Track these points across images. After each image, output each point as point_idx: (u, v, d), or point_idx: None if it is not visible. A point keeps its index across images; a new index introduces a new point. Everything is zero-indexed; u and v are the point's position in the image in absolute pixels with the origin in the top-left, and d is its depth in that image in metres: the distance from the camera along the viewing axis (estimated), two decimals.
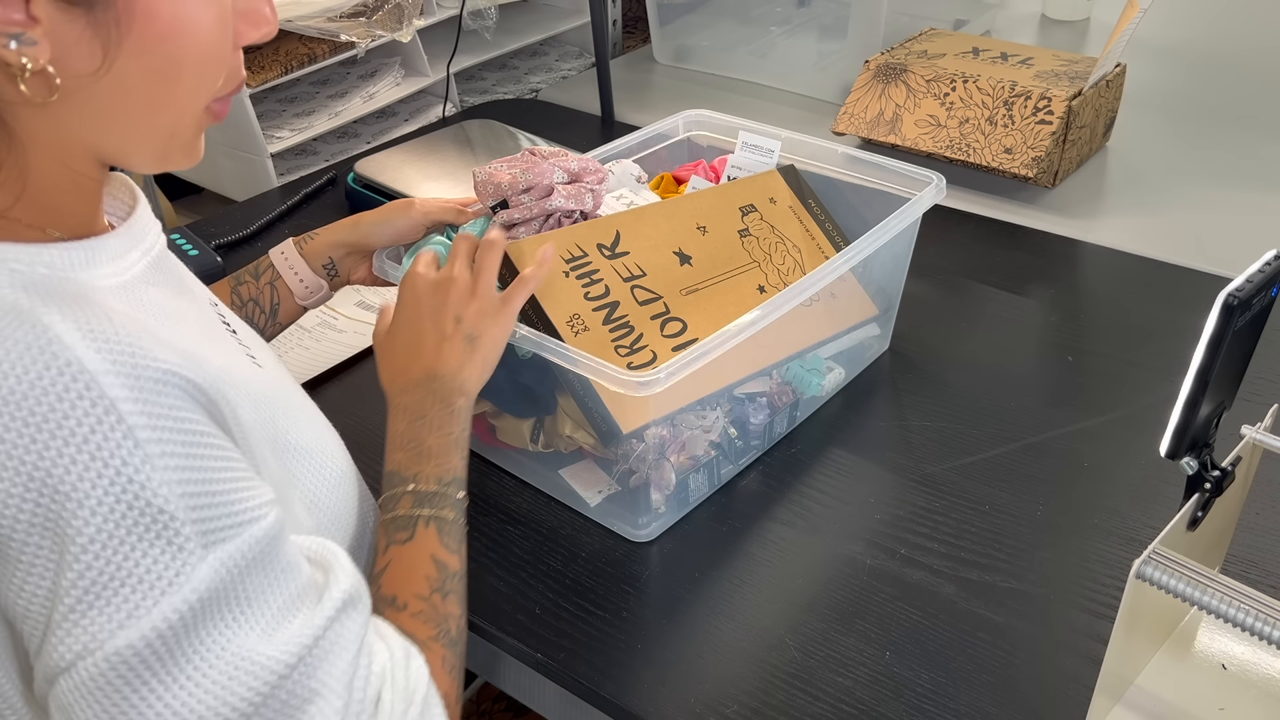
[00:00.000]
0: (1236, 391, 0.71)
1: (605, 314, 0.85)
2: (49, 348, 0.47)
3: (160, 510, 0.47)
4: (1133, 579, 0.64)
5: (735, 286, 0.93)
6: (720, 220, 0.96)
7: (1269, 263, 0.66)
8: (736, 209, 0.98)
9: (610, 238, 0.89)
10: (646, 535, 0.86)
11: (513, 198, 0.89)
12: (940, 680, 0.74)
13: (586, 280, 0.86)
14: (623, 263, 0.89)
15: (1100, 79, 1.37)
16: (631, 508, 0.86)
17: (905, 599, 0.81)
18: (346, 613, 0.56)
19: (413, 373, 0.74)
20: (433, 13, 1.64)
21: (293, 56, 1.52)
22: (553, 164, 0.90)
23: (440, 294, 0.76)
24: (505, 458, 0.94)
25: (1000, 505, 0.89)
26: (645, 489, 0.84)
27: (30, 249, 0.52)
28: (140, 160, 0.57)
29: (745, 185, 1.01)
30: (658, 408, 0.81)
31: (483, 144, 1.48)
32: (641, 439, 0.82)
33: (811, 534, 0.87)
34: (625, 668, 0.76)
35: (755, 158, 1.05)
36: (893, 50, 1.50)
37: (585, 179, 0.91)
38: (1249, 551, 0.83)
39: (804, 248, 0.99)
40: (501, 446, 0.93)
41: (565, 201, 0.89)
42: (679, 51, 1.85)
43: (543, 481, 0.92)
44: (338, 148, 1.65)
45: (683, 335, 0.87)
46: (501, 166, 0.89)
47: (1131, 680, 0.74)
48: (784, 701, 0.73)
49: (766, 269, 0.95)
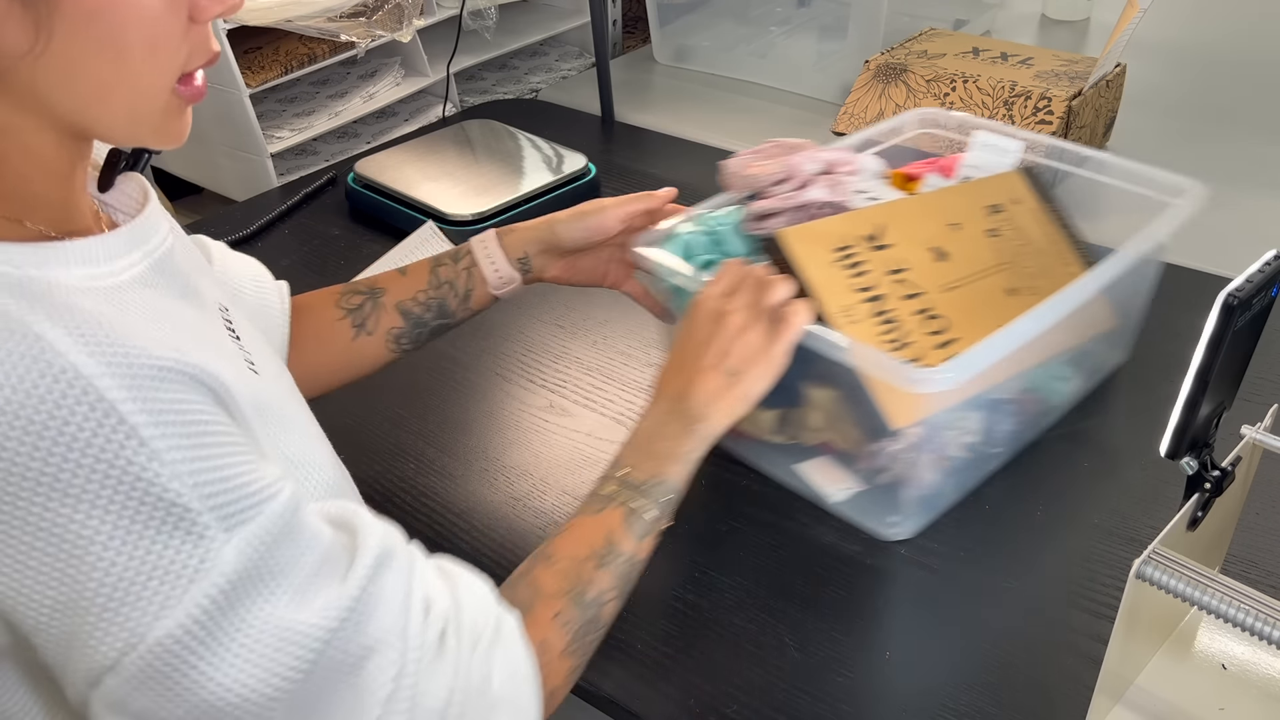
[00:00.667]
0: (1236, 391, 0.71)
1: (872, 307, 0.84)
2: (42, 356, 0.47)
3: (173, 503, 0.48)
4: (1133, 579, 0.64)
5: (989, 287, 0.91)
6: (971, 219, 0.94)
7: (1269, 263, 0.66)
8: (985, 208, 0.96)
9: (873, 230, 0.88)
10: (896, 535, 0.86)
11: (768, 189, 0.89)
12: (940, 680, 0.74)
13: (854, 272, 0.85)
14: (886, 255, 0.87)
15: (1100, 79, 1.37)
16: (884, 506, 0.85)
17: (904, 599, 0.81)
18: (381, 569, 0.56)
19: (672, 385, 0.76)
20: (433, 13, 1.64)
21: (293, 56, 1.52)
22: (807, 155, 0.90)
23: (711, 325, 0.77)
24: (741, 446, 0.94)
25: (1000, 505, 0.89)
26: (898, 487, 0.83)
27: (14, 248, 0.51)
28: (118, 136, 0.57)
29: (989, 184, 0.99)
30: (931, 406, 0.80)
31: (483, 144, 1.48)
32: (902, 437, 0.81)
33: (810, 534, 0.87)
34: (625, 668, 0.76)
35: (993, 158, 1.02)
36: (893, 50, 1.50)
37: (837, 171, 0.91)
38: (1249, 551, 0.83)
39: (1049, 251, 0.97)
40: (738, 436, 0.92)
41: (823, 193, 0.88)
42: (679, 51, 1.85)
43: (785, 474, 0.92)
44: (338, 148, 1.65)
45: (946, 334, 0.86)
46: (753, 159, 0.90)
47: (1131, 680, 0.74)
48: (784, 701, 0.73)
49: (1016, 271, 0.93)
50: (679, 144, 1.58)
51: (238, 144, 1.53)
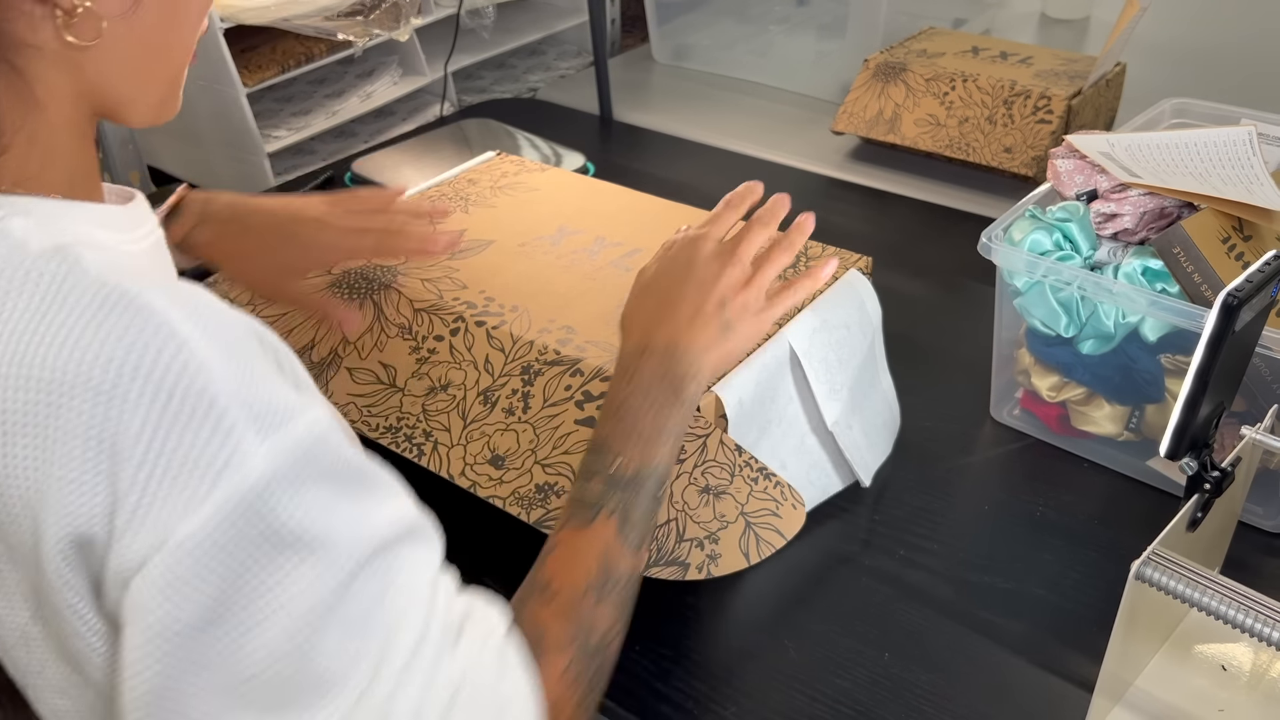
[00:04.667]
0: (1236, 391, 0.71)
1: None
2: (87, 273, 0.48)
3: (202, 392, 0.46)
4: (1132, 580, 0.64)
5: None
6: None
7: (1269, 262, 0.66)
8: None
9: (1239, 221, 0.86)
10: (1274, 526, 0.84)
11: (1107, 193, 0.89)
12: (939, 681, 0.74)
13: (1242, 264, 0.83)
14: (1251, 246, 0.85)
15: (1100, 78, 1.37)
16: (1254, 497, 0.83)
17: (904, 599, 0.80)
18: (415, 537, 0.53)
19: (657, 336, 0.69)
20: (430, 11, 1.64)
21: (290, 55, 1.52)
22: None
23: (716, 267, 0.71)
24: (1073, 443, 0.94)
25: (1000, 505, 0.89)
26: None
27: (47, 201, 0.52)
28: (142, 109, 0.57)
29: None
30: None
31: (480, 143, 1.47)
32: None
33: (810, 534, 0.87)
34: (624, 668, 0.76)
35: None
36: (892, 49, 1.49)
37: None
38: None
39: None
40: (1070, 434, 0.92)
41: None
42: (678, 50, 1.85)
43: (1126, 467, 0.91)
44: (335, 147, 1.64)
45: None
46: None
47: (1131, 681, 0.73)
48: (783, 702, 0.73)
49: None
50: (677, 143, 1.58)
51: (234, 143, 1.52)
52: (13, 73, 0.51)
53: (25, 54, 0.51)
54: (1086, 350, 0.88)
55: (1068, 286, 0.86)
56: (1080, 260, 0.88)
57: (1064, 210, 0.90)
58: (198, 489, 0.45)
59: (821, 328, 0.85)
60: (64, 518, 0.46)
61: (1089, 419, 0.91)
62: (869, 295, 0.91)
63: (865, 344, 0.90)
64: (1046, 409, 0.94)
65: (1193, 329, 0.79)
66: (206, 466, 0.45)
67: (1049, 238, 0.88)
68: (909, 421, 0.97)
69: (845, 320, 0.88)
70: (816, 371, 0.84)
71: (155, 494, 0.45)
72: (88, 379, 0.46)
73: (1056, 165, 0.95)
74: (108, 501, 0.46)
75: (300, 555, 0.47)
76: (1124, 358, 0.87)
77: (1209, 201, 0.86)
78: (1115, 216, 0.90)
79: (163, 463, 0.45)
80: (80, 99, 0.54)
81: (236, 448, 0.46)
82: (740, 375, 0.79)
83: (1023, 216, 0.91)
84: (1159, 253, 0.84)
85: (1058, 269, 0.85)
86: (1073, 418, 0.93)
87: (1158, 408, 0.88)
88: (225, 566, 0.46)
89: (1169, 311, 0.81)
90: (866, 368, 0.91)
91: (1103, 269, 0.88)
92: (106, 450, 0.46)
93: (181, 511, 0.45)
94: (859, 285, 0.90)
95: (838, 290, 0.88)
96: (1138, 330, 0.85)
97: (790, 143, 1.53)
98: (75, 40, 0.51)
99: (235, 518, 0.46)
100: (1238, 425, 0.72)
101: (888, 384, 0.95)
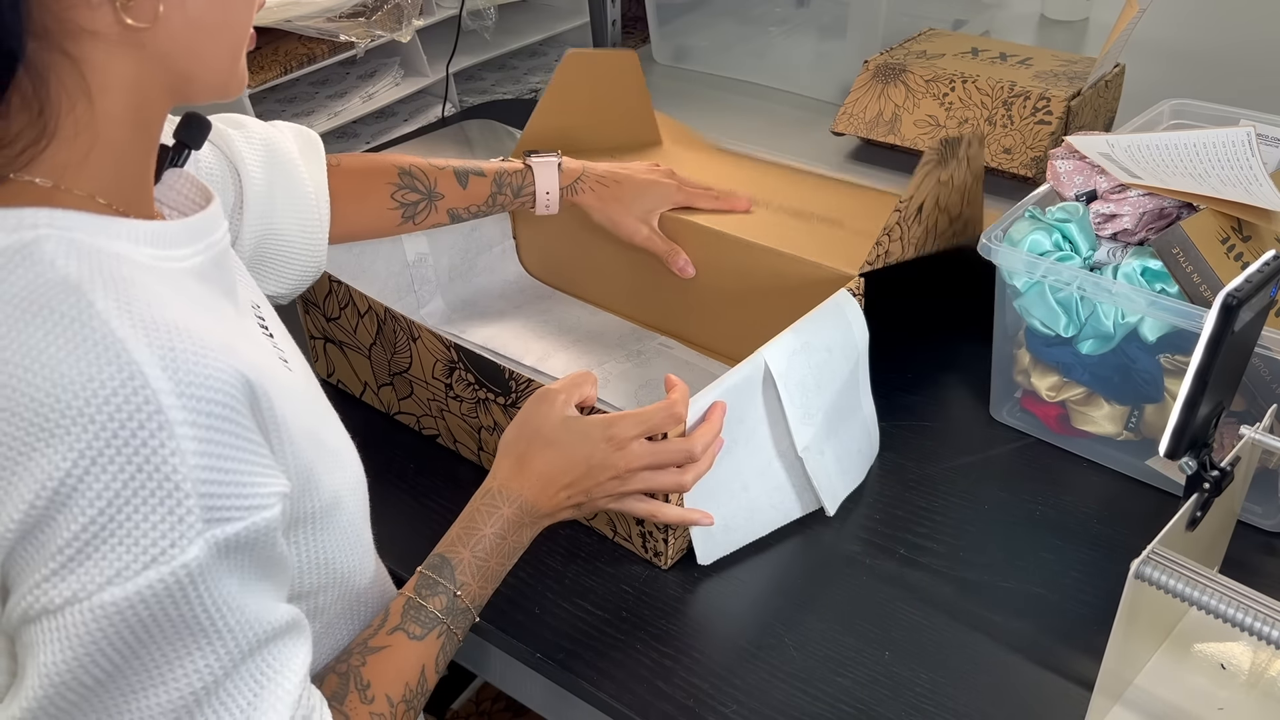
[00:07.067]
0: (1235, 391, 0.71)
1: None
2: (90, 324, 0.48)
3: (168, 477, 0.48)
4: (1132, 579, 0.64)
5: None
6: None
7: (1268, 262, 0.66)
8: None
9: (1238, 221, 0.87)
10: (1273, 525, 0.84)
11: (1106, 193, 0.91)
12: (939, 680, 0.74)
13: (1241, 264, 0.83)
14: (1250, 247, 0.86)
15: (1099, 79, 1.37)
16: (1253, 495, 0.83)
17: (904, 599, 0.81)
18: (296, 635, 0.57)
19: (527, 489, 0.73)
20: (432, 13, 1.64)
21: (292, 57, 1.52)
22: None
23: (604, 456, 0.73)
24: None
25: (999, 505, 0.89)
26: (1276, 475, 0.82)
27: (88, 217, 0.52)
28: (206, 86, 0.58)
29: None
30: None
31: (482, 144, 1.48)
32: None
33: (810, 534, 0.87)
34: (624, 668, 0.76)
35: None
36: (892, 50, 1.50)
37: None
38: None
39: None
40: (1069, 434, 0.93)
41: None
42: (678, 51, 1.85)
43: (1125, 467, 0.92)
44: (337, 148, 1.64)
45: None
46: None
47: (1131, 680, 0.74)
48: (783, 701, 0.73)
49: None
50: None
51: None
52: (67, 62, 0.52)
53: (83, 41, 0.52)
54: (1086, 350, 0.88)
55: (1067, 287, 0.86)
56: (1080, 261, 0.89)
57: (1063, 211, 0.90)
58: (133, 563, 0.48)
59: (802, 349, 0.83)
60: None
61: (1088, 419, 0.92)
62: (856, 317, 0.89)
63: (848, 368, 0.88)
64: (1046, 409, 0.94)
65: (1192, 329, 0.79)
66: (150, 546, 0.48)
67: (1048, 238, 0.88)
68: (909, 421, 0.97)
69: (828, 343, 0.86)
70: (791, 394, 0.82)
71: (93, 553, 0.48)
72: (66, 432, 0.47)
73: (1056, 166, 0.95)
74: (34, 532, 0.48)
75: (201, 641, 0.50)
76: (1123, 358, 0.87)
77: (1208, 202, 0.87)
78: (1114, 217, 0.91)
79: (110, 528, 0.48)
80: (140, 86, 0.55)
81: (182, 534, 0.48)
82: (708, 395, 0.78)
83: (1022, 217, 0.91)
84: (1158, 253, 0.85)
85: (1057, 269, 0.86)
86: (1072, 417, 0.93)
87: (1157, 407, 0.89)
88: (135, 636, 0.49)
89: (1168, 312, 0.81)
90: (847, 393, 0.89)
91: (1102, 269, 0.89)
92: (61, 498, 0.47)
93: (111, 576, 0.48)
94: (847, 307, 0.88)
95: (824, 311, 0.86)
96: (1137, 330, 0.85)
97: (790, 143, 1.53)
98: (133, 22, 0.52)
99: (161, 597, 0.49)
100: (1237, 425, 0.72)
101: (869, 410, 0.93)
